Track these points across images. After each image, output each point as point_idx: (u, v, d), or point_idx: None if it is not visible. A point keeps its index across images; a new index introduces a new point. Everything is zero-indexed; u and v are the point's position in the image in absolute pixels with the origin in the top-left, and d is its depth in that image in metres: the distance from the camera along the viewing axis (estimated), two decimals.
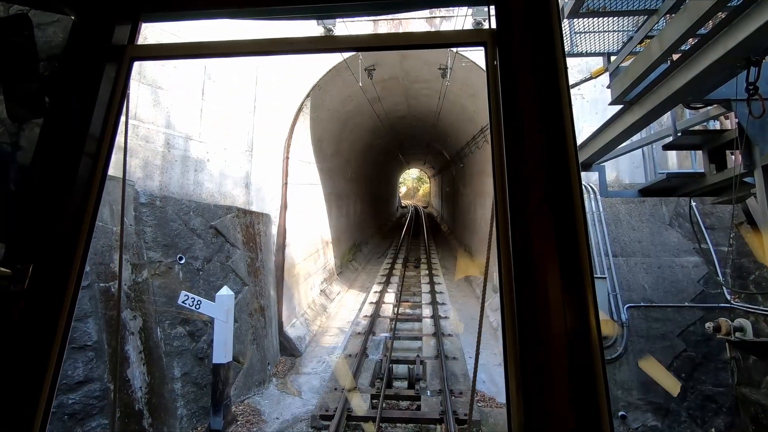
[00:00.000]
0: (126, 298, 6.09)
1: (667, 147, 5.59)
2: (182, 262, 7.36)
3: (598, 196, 8.93)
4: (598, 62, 10.41)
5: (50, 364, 1.09)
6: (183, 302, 6.60)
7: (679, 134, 5.09)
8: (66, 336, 1.13)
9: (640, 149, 8.04)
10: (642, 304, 7.65)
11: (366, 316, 11.53)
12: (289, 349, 9.83)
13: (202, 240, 7.78)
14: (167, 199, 7.52)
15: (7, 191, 1.36)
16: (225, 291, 6.89)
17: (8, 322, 1.08)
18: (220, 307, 6.72)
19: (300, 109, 10.98)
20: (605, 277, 7.59)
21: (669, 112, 5.01)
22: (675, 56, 4.30)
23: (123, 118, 1.40)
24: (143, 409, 5.87)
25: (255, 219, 9.39)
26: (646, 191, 6.17)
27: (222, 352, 6.63)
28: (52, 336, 1.10)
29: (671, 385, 6.94)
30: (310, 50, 1.52)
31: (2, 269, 1.08)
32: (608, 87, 4.93)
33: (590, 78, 8.80)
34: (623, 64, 4.80)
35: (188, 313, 6.99)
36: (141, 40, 1.50)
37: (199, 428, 6.61)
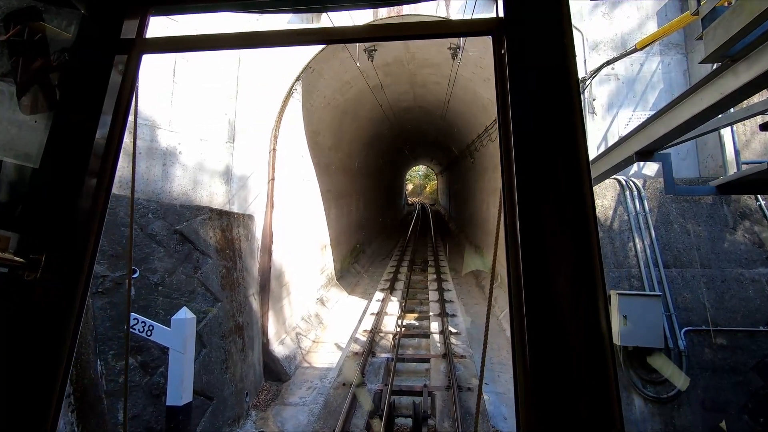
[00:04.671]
0: None
1: (766, 126, 4.10)
2: (136, 275, 6.02)
3: (642, 194, 7.43)
4: (635, 37, 8.89)
5: (64, 350, 1.11)
6: (132, 327, 5.28)
7: None
8: (79, 324, 1.16)
9: (707, 134, 6.52)
10: (704, 327, 6.16)
11: (366, 330, 10.13)
12: (276, 372, 8.47)
13: (162, 248, 6.42)
14: (118, 199, 6.17)
15: (20, 182, 1.30)
16: (183, 313, 5.52)
17: (24, 308, 1.12)
18: (177, 334, 5.35)
19: (289, 94, 9.57)
20: (659, 295, 6.09)
21: None
22: None
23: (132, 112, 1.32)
24: None
25: (234, 221, 8.02)
26: (728, 187, 4.67)
27: (178, 392, 5.26)
28: (68, 323, 1.13)
29: None
30: (305, 41, 1.53)
31: (16, 258, 1.11)
32: (698, 38, 3.50)
33: (634, 50, 7.30)
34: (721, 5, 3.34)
35: (141, 340, 5.65)
36: None
37: None
